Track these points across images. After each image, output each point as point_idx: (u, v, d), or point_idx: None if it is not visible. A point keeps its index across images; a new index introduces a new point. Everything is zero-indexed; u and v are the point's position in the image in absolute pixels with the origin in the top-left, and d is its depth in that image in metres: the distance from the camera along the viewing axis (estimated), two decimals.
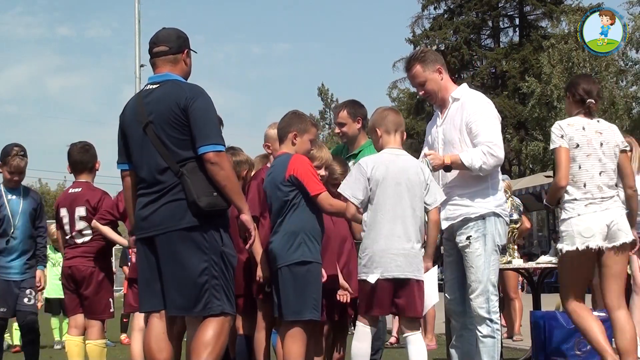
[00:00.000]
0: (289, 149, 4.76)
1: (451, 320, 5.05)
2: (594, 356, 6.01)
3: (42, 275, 6.39)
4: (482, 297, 4.64)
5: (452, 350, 4.94)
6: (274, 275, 4.66)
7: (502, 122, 4.94)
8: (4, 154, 6.24)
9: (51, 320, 11.31)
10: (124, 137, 4.26)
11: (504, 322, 8.54)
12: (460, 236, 4.72)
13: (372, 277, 4.46)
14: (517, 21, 36.30)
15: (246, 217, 4.14)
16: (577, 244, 4.86)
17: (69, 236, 5.95)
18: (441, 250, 5.15)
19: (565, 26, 31.46)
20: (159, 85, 4.18)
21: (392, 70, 41.45)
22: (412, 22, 36.61)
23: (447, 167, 4.70)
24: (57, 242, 6.61)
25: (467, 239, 4.68)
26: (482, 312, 4.64)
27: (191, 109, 4.03)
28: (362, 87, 69.76)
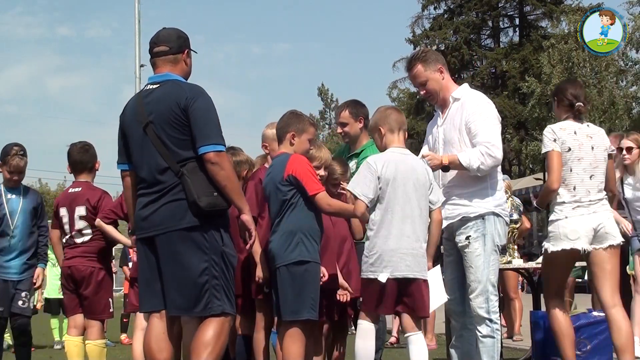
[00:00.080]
0: (287, 149, 4.76)
1: (451, 320, 5.05)
2: (593, 356, 6.02)
3: (41, 273, 6.39)
4: (481, 297, 4.64)
5: (452, 350, 4.94)
6: (272, 275, 4.66)
7: (502, 122, 4.93)
8: (4, 154, 6.24)
9: (51, 320, 11.31)
10: (124, 137, 4.26)
11: (504, 322, 8.54)
12: (459, 236, 4.72)
13: (383, 277, 4.44)
14: (517, 21, 36.30)
15: (247, 217, 4.14)
16: (563, 245, 4.96)
17: (68, 236, 5.94)
18: (441, 249, 5.15)
19: (565, 26, 31.45)
20: (159, 85, 4.18)
21: (392, 70, 41.51)
22: (412, 22, 36.66)
23: (445, 168, 4.70)
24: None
25: (467, 238, 4.68)
26: (482, 312, 4.64)
27: (191, 109, 4.02)
28: (362, 87, 69.90)
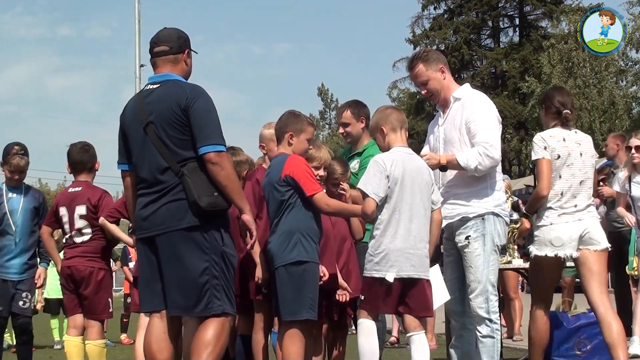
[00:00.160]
0: (285, 149, 4.75)
1: (451, 320, 5.05)
2: (593, 356, 6.03)
3: (42, 272, 6.39)
4: (481, 297, 4.64)
5: (451, 350, 4.94)
6: (271, 275, 4.66)
7: (502, 122, 4.93)
8: (5, 153, 6.27)
9: (51, 320, 11.30)
10: (124, 138, 4.26)
11: (504, 322, 8.54)
12: (459, 236, 4.72)
13: (390, 276, 4.43)
14: (517, 21, 36.32)
15: (247, 217, 4.14)
16: (546, 251, 5.02)
17: (68, 235, 5.93)
18: (441, 249, 5.15)
19: (565, 26, 31.48)
20: (159, 85, 4.18)
21: (392, 70, 41.54)
22: (412, 22, 36.70)
23: (443, 167, 4.70)
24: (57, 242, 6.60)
25: (466, 238, 4.68)
26: (482, 312, 4.64)
27: (192, 109, 4.02)
28: (362, 87, 69.94)
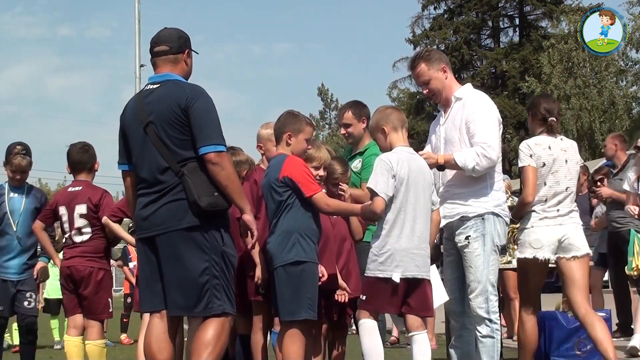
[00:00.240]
0: (284, 149, 4.74)
1: (450, 320, 5.05)
2: (593, 356, 6.03)
3: (42, 265, 6.35)
4: (481, 297, 4.64)
5: (451, 350, 4.94)
6: (270, 275, 4.66)
7: (502, 122, 4.92)
8: (7, 153, 6.31)
9: (50, 320, 11.30)
10: (125, 138, 4.26)
11: (503, 322, 8.54)
12: (459, 236, 4.72)
13: (397, 276, 4.43)
14: (517, 21, 36.30)
15: (248, 217, 4.14)
16: (527, 253, 5.07)
17: (67, 235, 5.91)
18: (441, 249, 5.15)
19: (565, 26, 31.52)
20: (159, 85, 4.18)
21: (392, 70, 41.36)
22: (412, 22, 36.67)
23: (441, 167, 4.71)
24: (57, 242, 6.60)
25: (466, 238, 4.68)
26: (481, 312, 4.64)
27: (192, 109, 4.02)
28: (362, 87, 69.91)
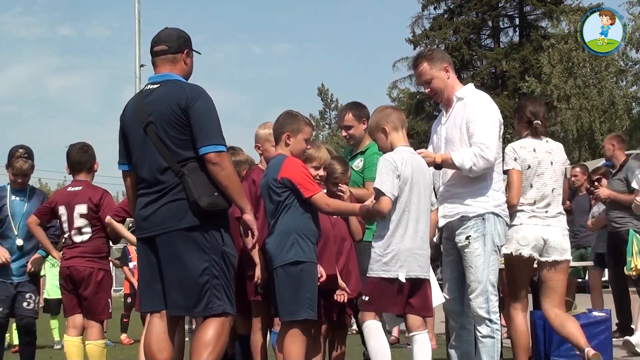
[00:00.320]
0: (283, 149, 4.74)
1: (449, 320, 5.05)
2: None
3: (36, 257, 6.27)
4: (481, 297, 4.65)
5: (451, 350, 4.95)
6: (270, 276, 4.66)
7: (502, 122, 4.92)
8: (9, 156, 6.32)
9: (50, 320, 11.30)
10: (125, 138, 4.26)
11: (504, 322, 8.54)
12: (459, 236, 4.73)
13: (402, 276, 4.44)
14: (517, 21, 36.30)
15: (249, 217, 4.15)
16: (512, 249, 5.15)
17: (67, 235, 5.89)
18: (441, 249, 5.15)
19: (565, 26, 31.53)
20: (159, 85, 4.18)
21: (392, 70, 41.33)
22: (412, 22, 36.66)
23: (438, 166, 4.71)
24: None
25: (467, 238, 4.68)
26: (482, 312, 4.65)
27: (192, 109, 4.02)
28: (362, 87, 69.93)
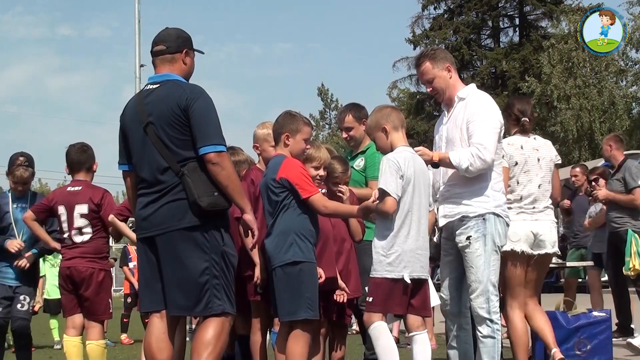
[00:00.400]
0: (282, 150, 4.74)
1: (446, 320, 5.05)
2: (593, 356, 6.03)
3: (30, 256, 6.27)
4: (482, 297, 4.64)
5: (450, 351, 4.95)
6: (269, 276, 4.66)
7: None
8: (10, 163, 6.35)
9: (50, 320, 11.30)
10: (125, 138, 4.26)
11: (504, 322, 8.54)
12: (460, 236, 4.72)
13: (407, 276, 4.45)
14: (517, 21, 36.26)
15: (249, 217, 4.14)
16: (504, 246, 5.10)
17: (66, 235, 5.86)
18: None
19: (565, 26, 31.50)
20: (159, 85, 4.18)
21: (392, 70, 41.21)
22: (412, 22, 36.60)
23: (435, 164, 4.70)
24: None
25: (467, 239, 4.68)
26: (482, 312, 4.65)
27: (192, 109, 4.02)
28: (362, 87, 69.92)
